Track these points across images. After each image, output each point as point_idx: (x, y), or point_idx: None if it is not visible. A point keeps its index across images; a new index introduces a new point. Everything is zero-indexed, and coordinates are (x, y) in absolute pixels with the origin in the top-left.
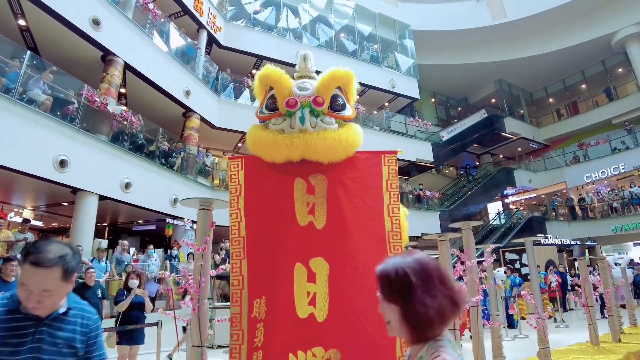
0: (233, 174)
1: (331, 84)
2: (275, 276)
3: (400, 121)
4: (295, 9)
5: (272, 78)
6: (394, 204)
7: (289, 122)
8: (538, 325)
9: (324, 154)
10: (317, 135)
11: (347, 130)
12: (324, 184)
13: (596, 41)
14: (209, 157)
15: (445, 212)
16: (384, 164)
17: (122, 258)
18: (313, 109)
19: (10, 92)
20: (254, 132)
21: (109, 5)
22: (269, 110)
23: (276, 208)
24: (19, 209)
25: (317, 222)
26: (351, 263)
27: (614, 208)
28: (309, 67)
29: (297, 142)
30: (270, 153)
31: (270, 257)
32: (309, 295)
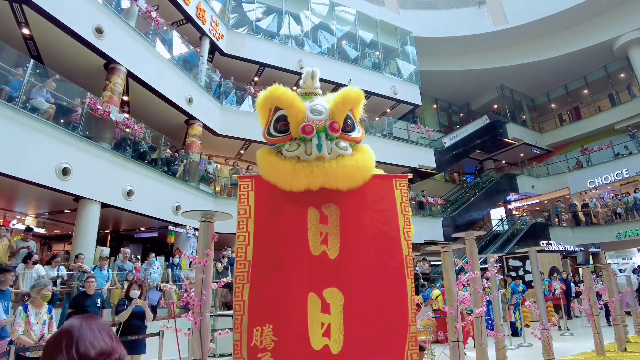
0: (242, 194)
1: (345, 107)
2: (285, 305)
3: (403, 127)
4: (297, 16)
5: (283, 101)
6: (408, 227)
7: (304, 148)
8: (543, 336)
9: (343, 182)
10: (337, 163)
11: (363, 156)
12: (337, 214)
13: (598, 47)
14: (212, 165)
15: (448, 219)
16: (395, 188)
17: (124, 266)
18: (329, 135)
19: (13, 100)
20: (267, 158)
21: (111, 14)
22: (279, 132)
23: (288, 236)
24: (22, 216)
25: (331, 252)
26: (367, 293)
27: (617, 214)
28: (316, 84)
29: (317, 172)
30: (289, 182)
31: (279, 285)
32: (323, 326)
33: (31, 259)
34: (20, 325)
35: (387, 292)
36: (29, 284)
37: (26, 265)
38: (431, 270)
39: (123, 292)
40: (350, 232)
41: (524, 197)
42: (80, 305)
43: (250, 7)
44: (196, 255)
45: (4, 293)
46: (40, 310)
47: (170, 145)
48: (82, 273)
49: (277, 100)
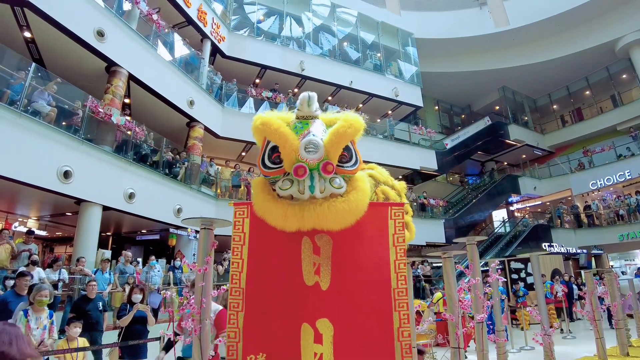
0: (238, 221)
1: (341, 145)
2: (279, 334)
3: (404, 129)
4: (298, 18)
5: (276, 138)
6: (400, 259)
7: (297, 187)
8: (544, 342)
9: (334, 225)
10: (328, 206)
11: (357, 194)
12: (329, 245)
13: (600, 48)
14: (213, 167)
15: (450, 220)
16: (390, 217)
17: (125, 269)
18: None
19: (15, 104)
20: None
21: (113, 17)
22: (274, 164)
23: (282, 265)
24: (24, 219)
25: (322, 283)
26: (355, 324)
27: (620, 215)
28: (313, 110)
29: (308, 216)
30: (280, 224)
31: (273, 314)
32: (315, 356)
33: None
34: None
35: (374, 324)
36: None
37: (27, 269)
38: (433, 273)
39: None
40: (341, 263)
41: (526, 199)
42: (82, 309)
43: (252, 9)
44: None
45: (23, 297)
46: (41, 315)
47: (171, 148)
48: (84, 276)
49: (270, 135)
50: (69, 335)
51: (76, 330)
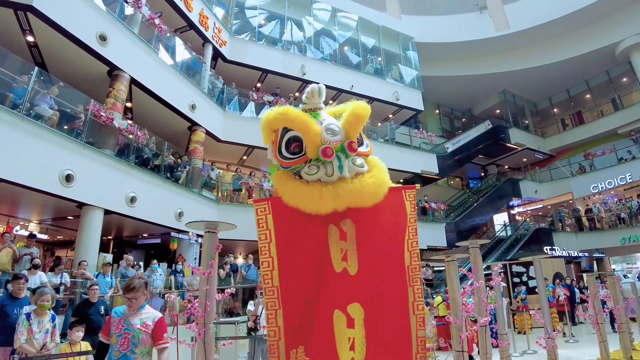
0: (260, 218)
1: (358, 125)
2: (312, 324)
3: (405, 133)
4: (299, 22)
5: (299, 125)
6: (413, 238)
7: (325, 169)
8: (548, 346)
9: (368, 200)
10: (360, 183)
11: (379, 171)
12: (353, 230)
13: (600, 51)
14: (214, 171)
15: (451, 224)
16: (405, 199)
17: (127, 273)
18: (346, 154)
19: (17, 107)
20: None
21: (115, 21)
22: (293, 154)
23: (311, 255)
24: (25, 222)
25: (350, 269)
26: (380, 305)
27: (621, 218)
28: (321, 101)
29: (343, 194)
30: (316, 207)
31: (305, 305)
32: (349, 340)
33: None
34: (22, 333)
35: (394, 302)
36: None
37: (29, 272)
38: (434, 277)
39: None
40: (365, 247)
41: (527, 202)
42: (84, 312)
43: (253, 14)
44: (200, 266)
45: (19, 300)
46: (43, 318)
47: (173, 152)
48: (85, 280)
49: (291, 124)
50: (72, 339)
51: (79, 334)
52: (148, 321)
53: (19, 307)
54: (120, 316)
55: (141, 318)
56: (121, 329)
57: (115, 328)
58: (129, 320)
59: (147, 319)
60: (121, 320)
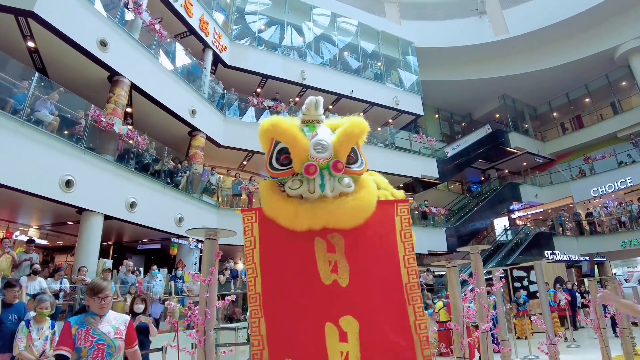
0: (247, 226)
1: (349, 144)
2: (302, 336)
3: (405, 137)
4: (299, 27)
5: (286, 138)
6: (409, 254)
7: (307, 186)
8: (550, 351)
9: (346, 222)
10: (339, 204)
11: (366, 193)
12: (342, 243)
13: (599, 55)
14: (214, 176)
15: (452, 229)
16: (396, 214)
17: (127, 279)
18: (331, 173)
19: (18, 113)
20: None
21: (116, 27)
22: (282, 165)
23: (296, 266)
24: (25, 228)
25: (342, 280)
26: (376, 319)
27: (622, 222)
28: (319, 113)
29: (320, 213)
30: (291, 224)
31: (292, 316)
32: (342, 355)
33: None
34: (22, 340)
35: (392, 319)
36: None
37: (29, 278)
38: (435, 281)
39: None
40: (356, 260)
41: (527, 207)
42: None
43: (253, 19)
44: (200, 273)
45: (13, 307)
46: (43, 325)
47: (173, 157)
48: (85, 286)
49: (280, 136)
50: None
51: None
52: (120, 326)
53: (14, 313)
54: (85, 326)
55: (112, 325)
56: (92, 341)
57: (84, 341)
58: (98, 329)
59: (118, 324)
60: (89, 331)
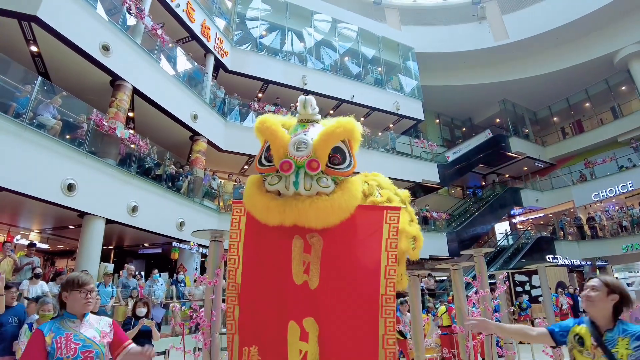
0: (235, 218)
1: (329, 143)
2: (269, 329)
3: (406, 142)
4: (299, 33)
5: (267, 135)
6: (392, 265)
7: (284, 183)
8: (554, 355)
9: (315, 222)
10: (310, 203)
11: (342, 195)
12: (320, 244)
13: (598, 60)
14: (216, 180)
15: (453, 233)
16: (385, 221)
17: (128, 283)
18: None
19: (20, 116)
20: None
21: (118, 31)
22: (268, 162)
23: (273, 263)
24: (26, 231)
25: (311, 282)
26: (341, 325)
27: (623, 227)
28: (310, 112)
29: (289, 211)
30: (264, 217)
31: (264, 310)
32: (301, 353)
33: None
34: (24, 343)
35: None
36: None
37: (31, 282)
38: (437, 286)
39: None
40: (330, 264)
41: (529, 211)
42: None
43: (254, 25)
44: (206, 275)
45: (12, 309)
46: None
47: (174, 161)
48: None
49: (263, 133)
50: None
51: None
52: (105, 328)
53: (13, 315)
54: (62, 332)
55: (96, 327)
56: (75, 349)
57: (66, 350)
58: (81, 333)
59: (102, 326)
60: (70, 337)
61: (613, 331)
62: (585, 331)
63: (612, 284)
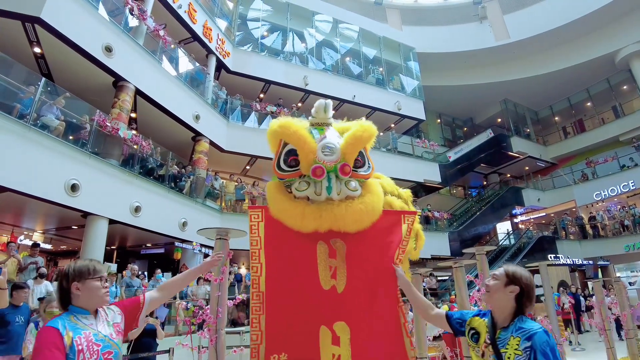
0: (253, 225)
1: (357, 148)
2: (297, 336)
3: (407, 142)
4: (301, 33)
5: (295, 141)
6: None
7: (314, 188)
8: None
9: (352, 226)
10: (346, 208)
11: (372, 197)
12: (344, 249)
13: (600, 59)
14: (218, 180)
15: (455, 233)
16: (403, 222)
17: (132, 283)
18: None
19: (24, 117)
20: (277, 197)
21: (120, 32)
22: (290, 167)
23: (298, 269)
24: (29, 232)
25: (339, 286)
26: (369, 325)
27: (625, 226)
28: (329, 116)
29: (326, 216)
30: (297, 224)
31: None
32: (334, 357)
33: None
34: (31, 342)
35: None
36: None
37: (35, 281)
38: (438, 286)
39: None
40: (355, 267)
41: (530, 211)
42: None
43: (255, 25)
44: (212, 273)
45: (19, 309)
46: None
47: (177, 162)
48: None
49: (288, 138)
50: None
51: None
52: (117, 319)
53: (20, 315)
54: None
55: (108, 321)
56: (97, 351)
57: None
58: (99, 332)
59: (113, 318)
60: (89, 337)
61: (508, 329)
62: (483, 326)
63: (513, 273)
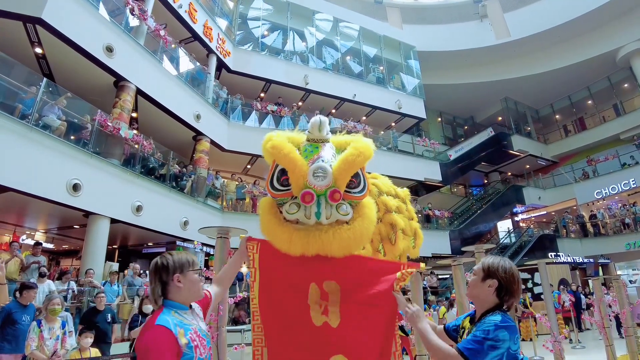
0: (249, 256)
1: (349, 172)
2: None
3: (408, 141)
4: (301, 32)
5: (286, 164)
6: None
7: (304, 211)
8: (555, 349)
9: (338, 252)
10: (333, 234)
11: (362, 222)
12: (337, 290)
13: (600, 57)
14: (219, 180)
15: (455, 232)
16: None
17: (134, 282)
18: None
19: (26, 117)
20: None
21: (121, 32)
22: (283, 186)
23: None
24: (31, 231)
25: (332, 322)
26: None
27: (626, 224)
28: (324, 134)
29: (313, 242)
30: (285, 248)
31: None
32: None
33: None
34: (33, 340)
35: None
36: (40, 299)
37: (37, 281)
38: (439, 284)
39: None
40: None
41: (531, 209)
42: (91, 320)
43: (256, 25)
44: (213, 271)
45: (27, 308)
46: (54, 325)
47: (178, 161)
48: (92, 288)
49: (280, 161)
50: (81, 345)
51: (88, 341)
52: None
53: (27, 314)
54: (189, 327)
55: (201, 316)
56: (205, 344)
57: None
58: (202, 328)
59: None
60: (197, 332)
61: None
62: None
63: (489, 266)
